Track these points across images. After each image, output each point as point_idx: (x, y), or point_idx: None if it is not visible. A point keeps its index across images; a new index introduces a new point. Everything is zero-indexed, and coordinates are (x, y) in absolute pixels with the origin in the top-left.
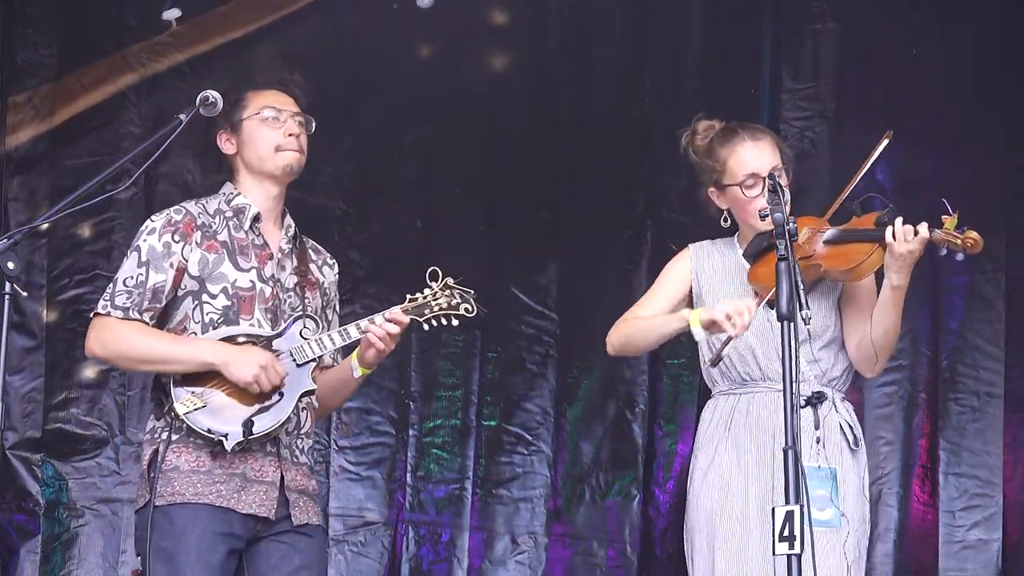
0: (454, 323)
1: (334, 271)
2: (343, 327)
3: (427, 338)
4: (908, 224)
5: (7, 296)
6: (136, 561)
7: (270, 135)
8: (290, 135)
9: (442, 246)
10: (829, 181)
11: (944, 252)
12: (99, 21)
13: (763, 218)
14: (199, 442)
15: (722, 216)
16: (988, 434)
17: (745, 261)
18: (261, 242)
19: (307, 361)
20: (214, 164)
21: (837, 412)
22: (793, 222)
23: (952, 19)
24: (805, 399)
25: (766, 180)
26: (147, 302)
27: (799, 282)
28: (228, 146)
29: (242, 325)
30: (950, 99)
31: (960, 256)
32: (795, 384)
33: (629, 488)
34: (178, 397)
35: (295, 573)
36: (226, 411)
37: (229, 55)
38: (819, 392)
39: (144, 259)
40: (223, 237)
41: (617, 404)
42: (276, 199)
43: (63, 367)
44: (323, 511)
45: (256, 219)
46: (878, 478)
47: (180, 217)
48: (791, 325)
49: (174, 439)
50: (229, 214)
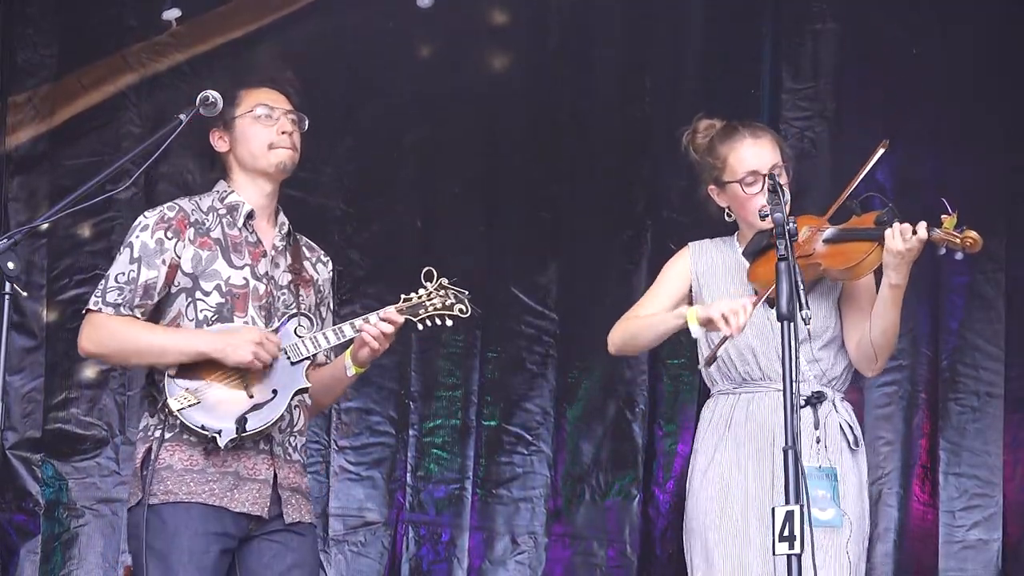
0: (448, 323)
1: (328, 268)
2: (337, 325)
3: (427, 338)
4: (907, 223)
5: (7, 296)
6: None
7: (263, 133)
8: (283, 133)
9: (442, 246)
10: (829, 181)
11: (943, 251)
12: (99, 21)
13: (763, 218)
14: (192, 440)
15: (724, 212)
16: (988, 434)
17: (744, 260)
18: (255, 239)
19: (301, 359)
20: (207, 162)
21: (837, 412)
22: (793, 222)
23: (952, 19)
24: (805, 399)
25: (766, 178)
26: (138, 298)
27: (799, 282)
28: (221, 144)
29: (236, 322)
30: (950, 99)
31: (959, 255)
32: (795, 384)
33: (629, 488)
34: (172, 393)
35: (287, 572)
36: (220, 408)
37: (229, 55)
38: (819, 392)
39: (136, 255)
40: (216, 234)
41: (617, 404)
42: (269, 196)
43: (63, 367)
44: (323, 511)
45: (250, 216)
46: (878, 478)
47: (173, 214)
48: (791, 325)
49: (167, 437)
50: (223, 211)
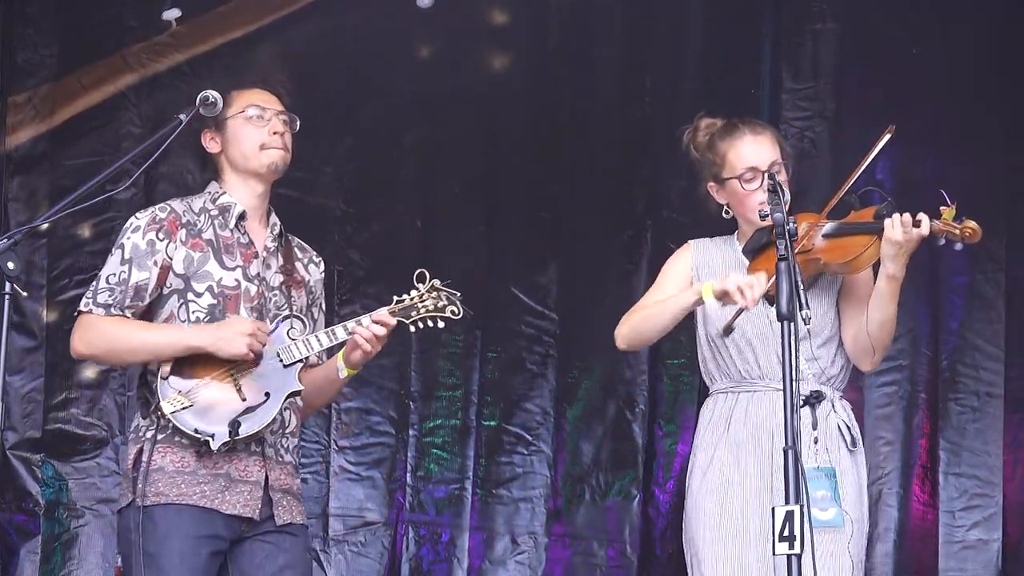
0: (440, 325)
1: (320, 269)
2: (330, 328)
3: (427, 338)
4: (907, 213)
5: (7, 296)
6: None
7: (255, 133)
8: (275, 133)
9: (442, 246)
10: (829, 181)
11: (943, 242)
12: (99, 21)
13: (763, 217)
14: (184, 442)
15: (723, 209)
16: (988, 434)
17: (744, 257)
18: (246, 240)
19: (294, 362)
20: (199, 163)
21: (835, 412)
22: (793, 222)
23: (952, 19)
24: (803, 399)
25: (765, 175)
26: (129, 299)
27: (799, 282)
28: (213, 145)
29: None
30: (950, 99)
31: (959, 246)
32: (795, 384)
33: (629, 488)
34: (164, 396)
35: (279, 572)
36: (213, 411)
37: (229, 55)
38: (817, 391)
39: (127, 256)
40: (208, 235)
41: (617, 404)
42: (261, 197)
43: (63, 367)
44: (323, 511)
45: (241, 217)
46: (878, 478)
47: (165, 215)
48: (791, 325)
49: (160, 438)
50: (214, 212)
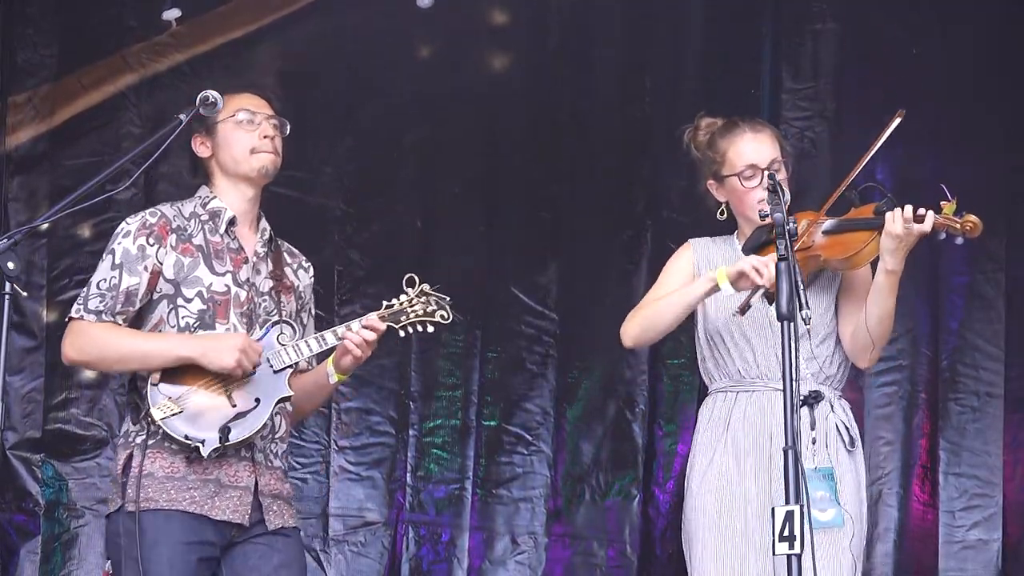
0: (430, 329)
1: (309, 274)
2: (320, 333)
3: (427, 338)
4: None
5: (7, 296)
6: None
7: (245, 138)
8: (265, 137)
9: (442, 246)
10: (829, 181)
11: (943, 236)
12: (99, 21)
13: (763, 217)
14: (174, 447)
15: (719, 210)
16: (988, 434)
17: (744, 256)
18: (236, 246)
19: (284, 367)
20: (190, 167)
21: (834, 412)
22: (793, 221)
23: (952, 19)
24: (802, 398)
25: (764, 173)
26: (120, 305)
27: (799, 282)
28: (203, 149)
29: (218, 329)
30: (950, 99)
31: (959, 240)
32: (795, 384)
33: (629, 488)
34: (154, 402)
35: (275, 572)
36: (203, 417)
37: (229, 55)
38: (816, 391)
39: (118, 262)
40: (198, 241)
41: (617, 404)
42: (251, 202)
43: (63, 367)
44: (323, 511)
45: (231, 223)
46: (878, 478)
47: (155, 220)
48: (791, 325)
49: (150, 444)
50: (205, 217)
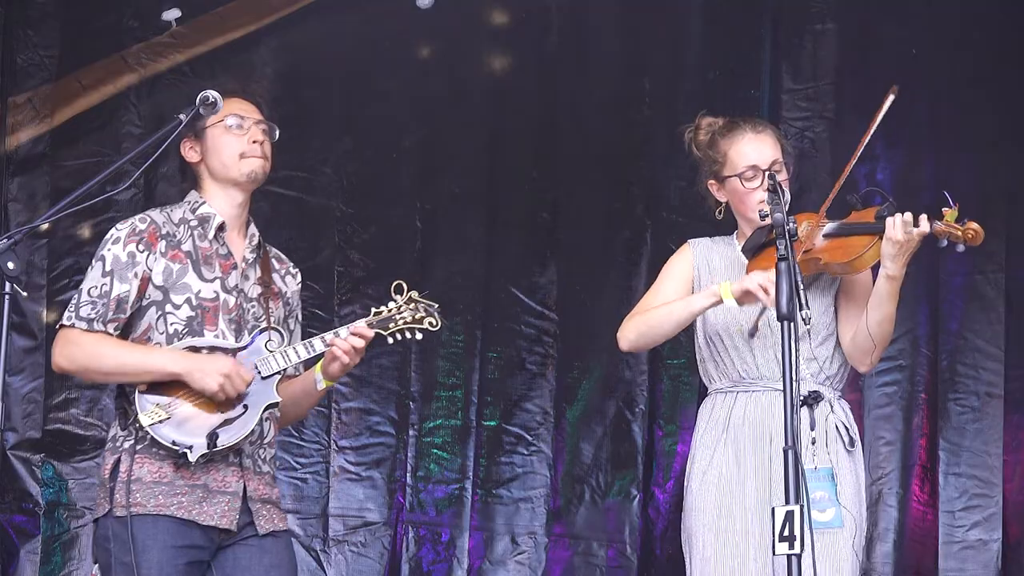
0: (418, 336)
1: (296, 280)
2: (308, 340)
3: (427, 338)
4: (909, 213)
5: (7, 296)
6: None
7: (234, 143)
8: (254, 142)
9: (442, 246)
10: (829, 181)
11: (945, 244)
12: (99, 22)
13: (763, 218)
14: (162, 452)
15: (717, 209)
16: (988, 434)
17: (743, 256)
18: (225, 252)
19: (272, 374)
20: (179, 172)
21: (833, 413)
22: (793, 222)
23: (952, 19)
24: (802, 399)
25: (765, 173)
26: (111, 313)
27: (799, 282)
28: (192, 154)
29: (206, 336)
30: (950, 99)
31: (961, 247)
32: (795, 384)
33: (629, 488)
34: (143, 408)
35: (266, 572)
36: (191, 423)
37: (229, 55)
38: (815, 392)
39: (108, 268)
40: (187, 247)
41: (617, 404)
42: (241, 207)
43: None
44: (323, 511)
45: (221, 228)
46: (878, 478)
47: (144, 226)
48: (791, 325)
49: (138, 449)
50: (194, 223)
